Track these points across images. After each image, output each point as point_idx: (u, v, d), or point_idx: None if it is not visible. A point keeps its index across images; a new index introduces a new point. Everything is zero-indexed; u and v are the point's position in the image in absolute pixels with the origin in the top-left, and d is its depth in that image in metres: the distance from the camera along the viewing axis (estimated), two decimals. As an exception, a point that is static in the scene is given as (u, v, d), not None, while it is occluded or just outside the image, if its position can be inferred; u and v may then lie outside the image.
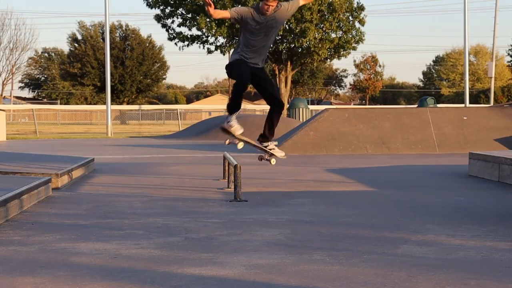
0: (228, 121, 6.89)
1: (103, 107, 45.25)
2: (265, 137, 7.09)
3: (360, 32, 33.84)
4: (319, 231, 4.79)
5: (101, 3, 44.59)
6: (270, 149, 7.07)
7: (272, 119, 7.00)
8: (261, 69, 6.91)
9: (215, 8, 6.58)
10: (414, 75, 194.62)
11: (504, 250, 4.08)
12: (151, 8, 34.66)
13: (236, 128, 6.87)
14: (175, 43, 35.26)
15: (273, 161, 7.11)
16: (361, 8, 33.62)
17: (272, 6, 6.49)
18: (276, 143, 7.20)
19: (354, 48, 34.22)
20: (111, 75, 47.40)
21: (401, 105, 73.07)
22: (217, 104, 65.30)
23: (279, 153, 7.11)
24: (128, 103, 66.08)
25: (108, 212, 5.78)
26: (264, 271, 3.57)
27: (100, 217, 5.54)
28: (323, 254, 3.97)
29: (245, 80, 6.73)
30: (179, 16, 34.87)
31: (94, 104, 71.72)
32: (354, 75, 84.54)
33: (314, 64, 35.99)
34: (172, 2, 34.24)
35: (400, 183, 8.16)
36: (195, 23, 33.21)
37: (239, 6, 6.92)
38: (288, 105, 29.59)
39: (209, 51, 35.03)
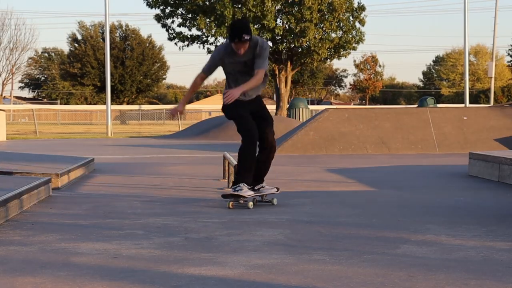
0: (238, 189, 6.02)
1: (103, 107, 45.28)
2: (257, 181, 6.24)
3: (360, 32, 33.83)
4: (319, 231, 4.79)
5: (101, 3, 44.61)
6: (263, 188, 6.26)
7: (264, 164, 6.24)
8: (256, 101, 6.31)
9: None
10: (414, 75, 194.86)
11: (504, 250, 4.08)
12: (151, 8, 34.65)
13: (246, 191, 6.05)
14: (175, 43, 35.29)
15: (275, 200, 6.24)
16: (361, 8, 33.60)
17: (244, 48, 6.06)
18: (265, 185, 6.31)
19: (354, 48, 34.20)
20: (111, 75, 47.40)
21: (401, 105, 73.07)
22: (217, 104, 65.22)
23: (271, 190, 6.28)
24: (128, 103, 66.11)
25: (108, 212, 5.78)
26: (264, 271, 3.57)
27: (100, 217, 5.54)
28: (323, 254, 3.96)
29: (256, 138, 6.06)
30: (179, 16, 34.86)
31: (94, 104, 71.76)
32: (354, 75, 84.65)
33: (314, 64, 35.95)
34: (172, 2, 34.24)
35: (400, 183, 8.16)
36: (195, 23, 33.23)
37: (210, 57, 6.49)
38: (288, 105, 29.57)
39: (209, 51, 35.03)
